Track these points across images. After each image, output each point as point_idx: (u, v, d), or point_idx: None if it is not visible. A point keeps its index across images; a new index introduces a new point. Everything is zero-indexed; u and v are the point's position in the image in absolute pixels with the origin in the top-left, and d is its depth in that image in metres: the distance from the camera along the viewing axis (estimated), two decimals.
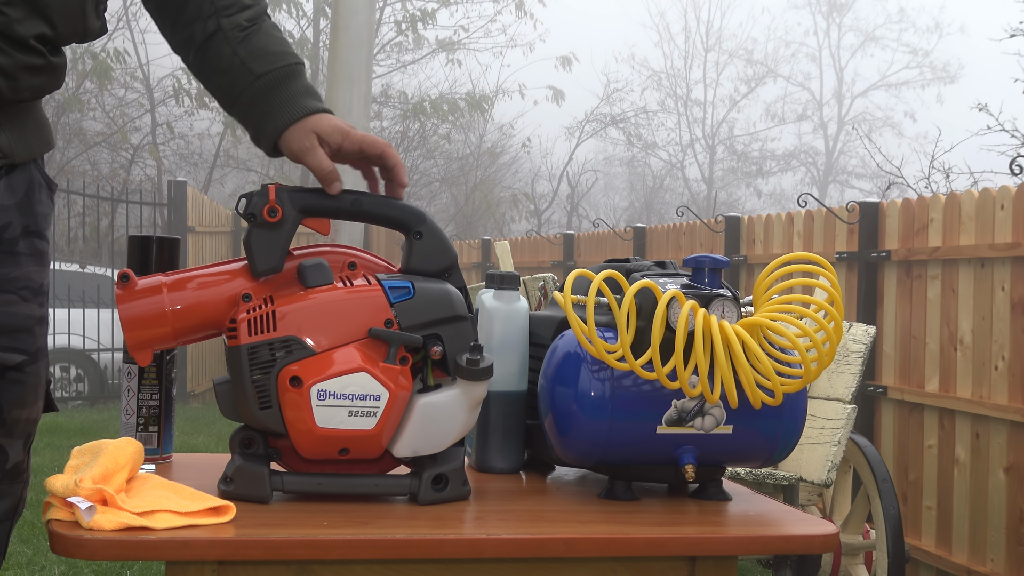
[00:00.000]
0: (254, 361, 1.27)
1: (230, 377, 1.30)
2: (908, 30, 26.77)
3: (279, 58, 1.42)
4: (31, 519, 4.66)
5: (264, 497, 1.30)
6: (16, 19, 1.24)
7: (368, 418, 1.28)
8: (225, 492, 1.30)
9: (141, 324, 1.29)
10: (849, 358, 3.29)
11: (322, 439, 1.28)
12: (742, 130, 26.13)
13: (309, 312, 1.29)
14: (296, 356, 1.27)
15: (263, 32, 1.44)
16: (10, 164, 1.32)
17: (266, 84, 1.41)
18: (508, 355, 1.54)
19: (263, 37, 1.43)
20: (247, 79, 1.40)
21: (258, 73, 1.40)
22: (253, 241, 1.32)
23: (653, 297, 1.37)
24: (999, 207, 3.92)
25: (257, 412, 1.28)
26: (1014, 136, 7.90)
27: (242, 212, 1.31)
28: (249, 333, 1.27)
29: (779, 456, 1.45)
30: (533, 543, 1.21)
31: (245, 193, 1.34)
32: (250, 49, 1.42)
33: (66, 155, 15.03)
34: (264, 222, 1.32)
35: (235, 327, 1.28)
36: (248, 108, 1.41)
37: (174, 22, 1.45)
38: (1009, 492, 3.78)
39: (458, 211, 18.05)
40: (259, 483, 1.30)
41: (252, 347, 1.27)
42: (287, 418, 1.27)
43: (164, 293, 1.30)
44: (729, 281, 5.79)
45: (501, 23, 21.60)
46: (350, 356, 1.28)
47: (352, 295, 1.31)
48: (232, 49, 1.41)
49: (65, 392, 9.36)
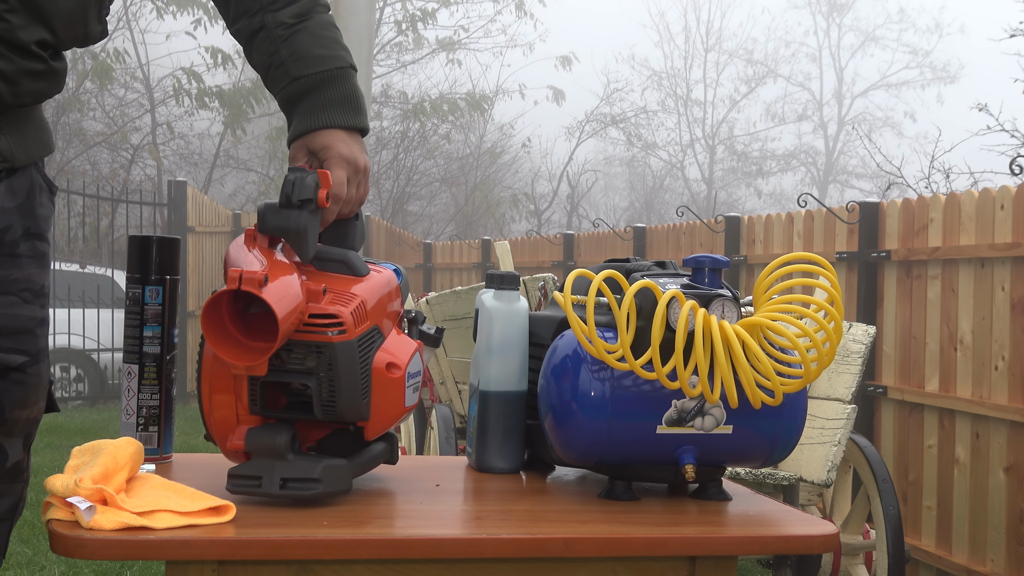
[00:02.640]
0: (362, 353, 1.28)
1: (321, 373, 1.26)
2: (908, 30, 26.79)
3: (320, 62, 1.41)
4: (31, 519, 4.67)
5: (350, 488, 1.32)
6: (18, 25, 1.25)
7: (416, 392, 1.37)
8: (316, 494, 1.27)
9: (286, 326, 1.22)
10: (849, 358, 3.29)
11: (397, 418, 1.33)
12: (742, 130, 26.15)
13: (377, 299, 1.33)
14: (379, 343, 1.31)
15: (309, 31, 1.42)
16: (11, 167, 1.33)
17: (295, 90, 1.41)
18: (508, 355, 1.54)
19: (307, 37, 1.42)
20: (284, 80, 1.41)
21: (296, 75, 1.41)
22: (309, 227, 1.31)
23: (653, 297, 1.37)
24: (999, 207, 3.92)
25: (361, 403, 1.28)
26: (1014, 136, 7.90)
27: (297, 198, 1.29)
28: (355, 325, 1.27)
29: (779, 456, 1.45)
30: (533, 543, 1.21)
31: (292, 177, 1.31)
32: (292, 49, 1.41)
33: (66, 155, 15.03)
34: (317, 208, 1.32)
35: (340, 321, 1.25)
36: (285, 108, 1.43)
37: (227, 15, 1.48)
38: (1009, 492, 3.78)
39: (458, 211, 18.05)
40: (345, 476, 1.31)
41: (360, 339, 1.27)
42: (376, 403, 1.30)
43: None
44: (729, 281, 5.79)
45: (501, 23, 21.56)
46: (404, 339, 1.36)
47: (387, 280, 1.38)
48: (275, 47, 1.42)
49: (65, 392, 9.36)
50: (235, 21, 1.46)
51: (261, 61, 1.43)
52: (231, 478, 1.28)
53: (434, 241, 13.18)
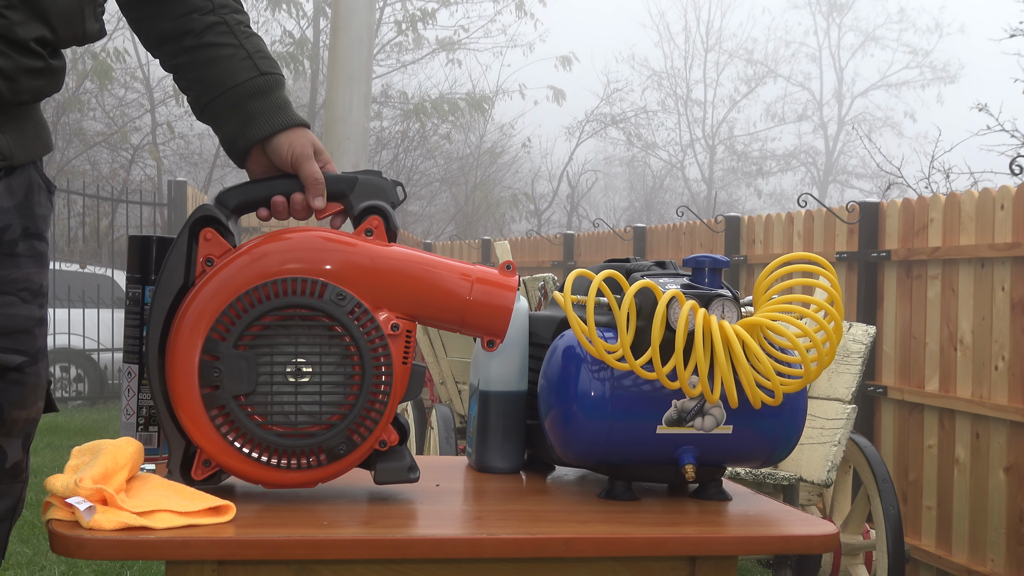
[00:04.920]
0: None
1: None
2: (908, 30, 26.77)
3: (276, 65, 1.45)
4: (31, 519, 4.67)
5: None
6: (17, 22, 1.25)
7: None
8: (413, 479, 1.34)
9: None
10: (849, 358, 3.28)
11: None
12: (742, 130, 26.14)
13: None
14: None
15: (259, 37, 1.46)
16: (10, 166, 1.33)
17: (268, 83, 1.42)
18: (508, 355, 1.54)
19: (260, 41, 1.46)
20: (250, 73, 1.41)
21: (263, 70, 1.42)
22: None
23: (653, 297, 1.37)
24: (999, 207, 3.92)
25: None
26: (1014, 136, 7.90)
27: (401, 200, 1.38)
28: None
29: (779, 456, 1.45)
30: (533, 543, 1.21)
31: (396, 182, 1.40)
32: (254, 47, 1.44)
33: (66, 155, 15.03)
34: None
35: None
36: (243, 101, 1.41)
37: (162, 13, 1.44)
38: (1009, 492, 3.78)
39: (458, 211, 18.06)
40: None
41: None
42: None
43: None
44: (729, 281, 5.79)
45: (501, 23, 21.58)
46: None
47: None
48: (238, 41, 1.42)
49: (65, 392, 9.36)
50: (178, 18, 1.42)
51: (215, 54, 1.41)
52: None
53: (434, 241, 13.18)
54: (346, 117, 8.17)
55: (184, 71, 1.44)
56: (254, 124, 1.40)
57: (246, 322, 1.26)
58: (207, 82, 1.42)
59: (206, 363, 1.26)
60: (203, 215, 1.30)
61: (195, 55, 1.43)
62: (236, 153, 1.42)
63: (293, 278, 1.27)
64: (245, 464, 1.28)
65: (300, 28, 16.75)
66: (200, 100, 1.43)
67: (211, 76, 1.42)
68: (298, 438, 1.28)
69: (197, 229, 1.30)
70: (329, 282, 1.27)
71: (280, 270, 1.27)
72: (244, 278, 1.27)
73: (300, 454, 1.28)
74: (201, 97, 1.43)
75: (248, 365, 1.26)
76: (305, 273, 1.28)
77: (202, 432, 1.27)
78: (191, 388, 1.26)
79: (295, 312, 1.27)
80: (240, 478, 1.30)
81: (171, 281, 1.29)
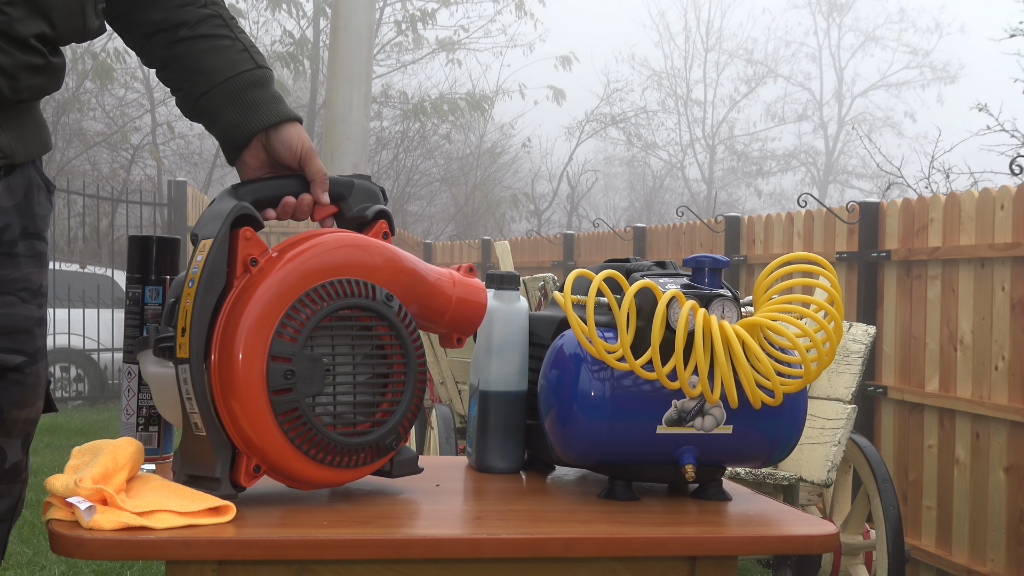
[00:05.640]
0: None
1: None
2: (908, 30, 26.79)
3: (265, 60, 1.46)
4: (31, 519, 4.67)
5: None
6: (17, 18, 1.24)
7: None
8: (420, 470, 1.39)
9: None
10: (849, 358, 3.29)
11: None
12: (742, 130, 26.15)
13: None
14: None
15: (247, 34, 1.47)
16: (9, 165, 1.32)
17: (267, 76, 1.43)
18: (508, 355, 1.54)
19: (249, 37, 1.47)
20: (248, 64, 1.41)
21: (259, 64, 1.43)
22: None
23: (653, 297, 1.37)
24: (999, 207, 3.92)
25: None
26: (1014, 136, 7.90)
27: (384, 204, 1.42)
28: None
29: (779, 456, 1.45)
30: (533, 543, 1.21)
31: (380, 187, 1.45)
32: (248, 41, 1.45)
33: (66, 155, 15.03)
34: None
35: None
36: (243, 91, 1.40)
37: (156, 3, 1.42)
38: (1009, 492, 3.78)
39: (458, 211, 18.06)
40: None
41: None
42: None
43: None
44: (729, 281, 5.79)
45: (501, 23, 21.59)
46: None
47: None
48: (234, 34, 1.43)
49: (65, 392, 9.36)
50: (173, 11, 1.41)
51: (210, 45, 1.41)
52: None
53: (434, 241, 13.18)
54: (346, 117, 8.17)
55: (178, 62, 1.42)
56: (258, 112, 1.40)
57: (314, 323, 1.24)
58: (204, 72, 1.40)
59: (275, 366, 1.21)
60: (242, 213, 1.27)
61: (191, 46, 1.41)
62: (235, 144, 1.41)
63: (350, 279, 1.27)
64: (304, 466, 1.26)
65: (300, 28, 16.76)
66: (195, 91, 1.41)
67: (208, 66, 1.40)
68: (357, 436, 1.28)
69: (236, 228, 1.26)
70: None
71: (336, 271, 1.27)
72: (302, 278, 1.25)
73: (358, 452, 1.29)
74: (196, 87, 1.41)
75: (317, 366, 1.25)
76: (357, 274, 1.28)
77: (265, 437, 1.22)
78: (255, 393, 1.21)
79: (351, 312, 1.27)
80: (288, 481, 1.28)
81: (216, 282, 1.23)
